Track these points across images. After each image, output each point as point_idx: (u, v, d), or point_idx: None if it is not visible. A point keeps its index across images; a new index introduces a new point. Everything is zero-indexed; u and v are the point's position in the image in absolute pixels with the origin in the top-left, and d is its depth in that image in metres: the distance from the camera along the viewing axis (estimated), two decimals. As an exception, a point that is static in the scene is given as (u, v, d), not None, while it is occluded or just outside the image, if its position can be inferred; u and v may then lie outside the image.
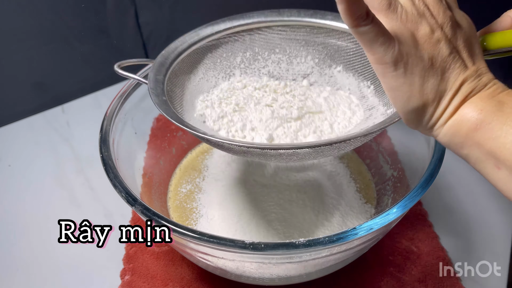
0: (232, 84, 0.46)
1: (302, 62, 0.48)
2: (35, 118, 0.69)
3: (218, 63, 0.47)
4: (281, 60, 0.48)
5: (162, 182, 0.53)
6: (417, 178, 0.39)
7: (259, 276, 0.40)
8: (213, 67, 0.47)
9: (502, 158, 0.27)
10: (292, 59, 0.48)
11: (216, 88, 0.46)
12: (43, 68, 0.69)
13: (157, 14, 0.71)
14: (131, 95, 0.48)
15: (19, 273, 0.48)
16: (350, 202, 0.50)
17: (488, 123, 0.28)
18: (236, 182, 0.51)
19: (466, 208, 0.53)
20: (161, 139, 0.55)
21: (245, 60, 0.48)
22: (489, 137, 0.28)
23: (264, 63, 0.48)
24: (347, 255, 0.39)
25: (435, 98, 0.30)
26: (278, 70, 0.48)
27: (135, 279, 0.46)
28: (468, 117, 0.29)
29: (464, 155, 0.30)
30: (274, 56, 0.48)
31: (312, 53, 0.48)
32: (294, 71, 0.48)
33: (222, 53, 0.47)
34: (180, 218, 0.50)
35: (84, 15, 0.67)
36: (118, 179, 0.39)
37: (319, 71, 0.48)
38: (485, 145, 0.28)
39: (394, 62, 0.29)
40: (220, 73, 0.47)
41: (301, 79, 0.48)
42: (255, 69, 0.48)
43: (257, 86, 0.46)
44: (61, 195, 0.56)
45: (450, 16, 0.30)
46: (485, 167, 0.29)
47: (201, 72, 0.46)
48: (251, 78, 0.47)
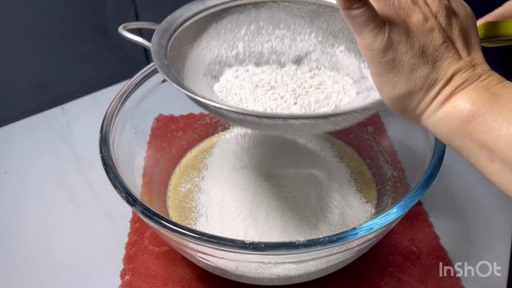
0: (238, 71, 0.46)
1: (306, 39, 0.48)
2: (35, 118, 0.69)
3: (222, 34, 0.47)
4: (285, 36, 0.48)
5: (162, 182, 0.53)
6: (417, 178, 0.39)
7: (259, 276, 0.40)
8: (216, 38, 0.47)
9: (496, 151, 0.27)
10: (296, 35, 0.48)
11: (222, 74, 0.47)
12: (43, 68, 0.69)
13: (157, 14, 0.71)
14: (131, 95, 0.48)
15: (19, 273, 0.48)
16: (350, 202, 0.50)
17: (481, 115, 0.27)
18: (236, 181, 0.51)
19: (466, 208, 0.53)
20: (161, 139, 0.55)
21: (249, 33, 0.47)
22: (482, 129, 0.27)
23: (267, 38, 0.48)
24: (347, 255, 0.39)
25: (423, 86, 0.29)
26: (281, 46, 0.48)
27: (135, 279, 0.46)
28: (460, 108, 0.28)
29: (457, 147, 0.29)
30: (279, 31, 0.48)
31: (316, 31, 0.47)
32: (297, 47, 0.48)
33: (227, 24, 0.47)
34: (179, 217, 0.50)
35: (84, 15, 0.67)
36: (118, 179, 0.39)
37: (321, 49, 0.47)
38: (478, 137, 0.28)
39: (383, 49, 0.29)
40: (224, 44, 0.47)
41: (304, 55, 0.48)
42: (258, 43, 0.48)
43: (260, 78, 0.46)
44: (61, 195, 0.56)
45: (446, 5, 0.30)
46: (478, 160, 0.29)
47: (205, 42, 0.46)
48: (256, 69, 0.48)
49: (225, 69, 0.47)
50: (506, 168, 0.27)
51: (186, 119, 0.59)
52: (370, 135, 0.56)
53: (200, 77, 0.45)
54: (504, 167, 0.27)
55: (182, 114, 0.59)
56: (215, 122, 0.60)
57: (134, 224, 0.52)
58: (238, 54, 0.47)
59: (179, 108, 0.59)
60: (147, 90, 0.50)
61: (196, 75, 0.44)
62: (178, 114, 0.58)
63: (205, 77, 0.45)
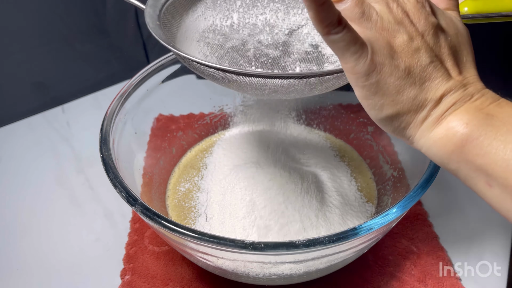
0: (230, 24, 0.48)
1: (299, 14, 0.49)
2: (35, 118, 0.69)
3: (218, 4, 0.48)
4: (279, 9, 0.49)
5: (162, 182, 0.53)
6: (417, 178, 0.39)
7: (259, 276, 0.40)
8: (212, 7, 0.48)
9: (494, 175, 0.26)
10: (289, 9, 0.49)
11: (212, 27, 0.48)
12: (43, 68, 0.69)
13: (157, 14, 0.71)
14: (131, 95, 0.48)
15: (19, 273, 0.48)
16: (350, 201, 0.50)
17: (475, 138, 0.26)
18: (235, 181, 0.51)
19: (466, 208, 0.53)
20: (161, 139, 0.55)
21: (244, 5, 0.49)
22: (477, 153, 0.26)
23: (262, 10, 0.49)
24: (347, 255, 0.39)
25: (411, 108, 0.28)
26: (275, 19, 0.49)
27: (135, 279, 0.46)
28: (453, 131, 0.27)
29: (453, 170, 0.28)
30: (273, 4, 0.49)
31: None
32: (290, 21, 0.49)
33: None
34: (178, 217, 0.50)
35: (84, 15, 0.67)
36: (118, 179, 0.39)
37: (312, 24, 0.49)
38: (474, 161, 0.26)
39: (366, 72, 0.28)
40: (219, 14, 0.48)
41: (296, 28, 0.49)
42: (252, 15, 0.49)
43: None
44: (61, 195, 0.56)
45: (433, 23, 0.29)
46: (475, 184, 0.27)
47: (200, 10, 0.47)
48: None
49: (218, 38, 0.48)
50: (505, 193, 0.26)
51: (186, 119, 0.59)
52: (370, 135, 0.56)
53: (193, 42, 0.46)
54: (502, 192, 0.26)
55: (182, 114, 0.59)
56: (215, 122, 0.61)
57: (134, 224, 0.52)
58: (232, 25, 0.48)
59: (179, 108, 0.59)
60: (147, 90, 0.50)
61: (189, 40, 0.45)
62: (178, 114, 0.58)
63: (198, 43, 0.46)
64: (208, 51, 0.46)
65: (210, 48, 0.46)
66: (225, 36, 0.47)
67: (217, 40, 0.47)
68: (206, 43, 0.46)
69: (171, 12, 0.44)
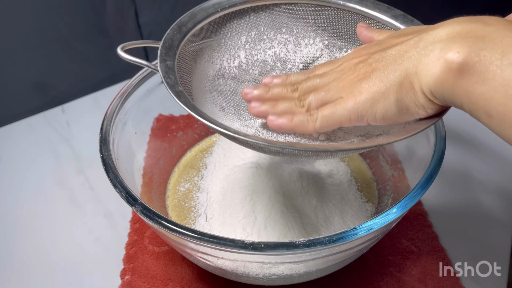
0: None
1: (311, 44, 0.45)
2: (35, 118, 0.69)
3: (223, 43, 0.45)
4: (288, 40, 0.45)
5: (162, 182, 0.53)
6: (417, 178, 0.39)
7: (259, 276, 0.40)
8: (217, 48, 0.45)
9: (493, 103, 0.25)
10: (299, 40, 0.45)
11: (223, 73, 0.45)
12: (43, 68, 0.69)
13: (157, 14, 0.72)
14: (131, 95, 0.48)
15: (19, 273, 0.48)
16: (350, 201, 0.50)
17: (471, 66, 0.25)
18: (235, 180, 0.51)
19: (466, 208, 0.53)
20: (161, 139, 0.55)
21: (250, 40, 0.45)
22: (476, 80, 0.25)
23: (270, 44, 0.46)
24: (347, 255, 0.39)
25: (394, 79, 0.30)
26: (285, 52, 0.46)
27: (135, 279, 0.46)
28: (447, 64, 0.26)
29: (460, 106, 0.28)
30: (281, 36, 0.45)
31: (321, 34, 0.45)
32: (302, 53, 0.46)
33: (227, 32, 0.45)
34: (178, 217, 0.50)
35: (84, 15, 0.67)
36: (118, 179, 0.39)
37: (328, 54, 0.45)
38: (474, 91, 0.26)
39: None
40: (225, 54, 0.45)
41: (311, 61, 0.46)
42: (260, 50, 0.46)
43: None
44: (61, 195, 0.56)
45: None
46: (479, 117, 0.27)
47: (207, 55, 0.44)
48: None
49: (229, 83, 0.44)
50: (504, 122, 0.25)
51: (186, 119, 0.59)
52: (370, 135, 0.56)
53: (207, 94, 0.43)
54: (501, 121, 0.25)
55: (182, 114, 0.59)
56: (215, 122, 0.60)
57: (134, 224, 0.52)
58: (240, 65, 0.45)
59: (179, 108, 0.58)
60: (147, 90, 0.50)
61: (203, 94, 0.42)
62: (178, 114, 0.58)
63: (211, 94, 0.43)
64: (224, 101, 0.43)
65: (224, 97, 0.43)
66: (235, 80, 0.44)
67: (228, 85, 0.44)
68: (219, 91, 0.43)
69: (181, 66, 0.40)
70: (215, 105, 0.42)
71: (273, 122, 0.34)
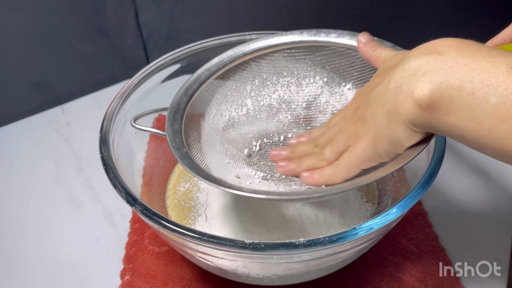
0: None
1: (311, 83, 0.48)
2: (35, 118, 0.69)
3: (229, 95, 0.47)
4: (290, 82, 0.48)
5: (162, 182, 0.53)
6: (417, 178, 0.39)
7: (259, 276, 0.40)
8: (224, 101, 0.47)
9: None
10: (300, 80, 0.48)
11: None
12: (43, 68, 0.69)
13: (157, 14, 0.71)
14: (131, 95, 0.48)
15: (19, 273, 0.48)
16: (350, 201, 0.50)
17: (435, 99, 0.27)
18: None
19: (466, 208, 0.53)
20: (161, 139, 0.55)
21: (254, 88, 0.48)
22: (444, 112, 0.27)
23: (273, 88, 0.48)
24: (347, 255, 0.39)
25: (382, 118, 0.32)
26: (289, 94, 0.48)
27: (135, 279, 0.46)
28: (416, 99, 0.28)
29: (440, 133, 0.30)
30: (283, 79, 0.48)
31: (320, 72, 0.47)
32: (304, 92, 0.48)
33: (232, 85, 0.47)
34: (178, 217, 0.50)
35: (84, 15, 0.67)
36: (118, 179, 0.39)
37: (329, 90, 0.47)
38: (446, 121, 0.27)
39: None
40: (233, 105, 0.47)
41: (313, 99, 0.48)
42: (265, 96, 0.48)
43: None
44: (61, 195, 0.56)
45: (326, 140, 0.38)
46: (458, 140, 0.28)
47: (214, 109, 0.47)
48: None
49: (239, 130, 0.47)
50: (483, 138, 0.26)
51: (186, 119, 0.59)
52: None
53: (218, 146, 0.45)
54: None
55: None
56: (215, 122, 0.60)
57: (134, 224, 0.52)
58: (248, 112, 0.48)
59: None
60: (147, 90, 0.50)
61: (213, 146, 0.44)
62: (178, 114, 0.58)
63: (222, 144, 0.45)
64: (235, 149, 0.45)
65: (235, 145, 0.45)
66: (245, 127, 0.47)
67: (239, 134, 0.46)
68: (230, 140, 0.45)
69: (189, 124, 0.43)
70: (225, 155, 0.44)
71: (308, 179, 0.38)
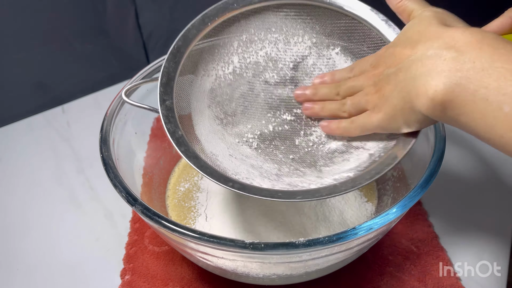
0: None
1: (300, 42, 0.47)
2: (35, 118, 0.69)
3: (216, 53, 0.46)
4: (278, 39, 0.47)
5: (162, 182, 0.53)
6: (417, 178, 0.39)
7: (259, 276, 0.40)
8: (211, 59, 0.46)
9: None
10: (289, 38, 0.47)
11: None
12: (43, 68, 0.69)
13: (157, 14, 0.72)
14: (131, 95, 0.48)
15: (19, 273, 0.48)
16: (350, 201, 0.50)
17: (450, 100, 0.29)
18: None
19: (466, 208, 0.53)
20: (161, 139, 0.55)
21: (241, 43, 0.46)
22: (457, 113, 0.29)
23: (261, 45, 0.47)
24: (347, 255, 0.39)
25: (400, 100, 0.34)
26: (276, 51, 0.47)
27: (135, 279, 0.46)
28: (431, 97, 0.30)
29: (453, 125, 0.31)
30: (271, 35, 0.47)
31: (309, 32, 0.47)
32: (292, 51, 0.47)
33: (219, 41, 0.46)
34: (178, 217, 0.50)
35: (84, 15, 0.67)
36: (118, 179, 0.39)
37: (317, 52, 0.47)
38: (458, 120, 0.30)
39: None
40: (219, 63, 0.46)
41: (300, 60, 0.47)
42: (252, 52, 0.47)
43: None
44: (61, 195, 0.56)
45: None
46: (471, 135, 0.30)
47: (202, 69, 0.45)
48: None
49: (226, 91, 0.46)
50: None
51: (186, 119, 0.59)
52: (370, 135, 0.56)
53: (206, 110, 0.44)
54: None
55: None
56: (215, 122, 0.60)
57: (134, 224, 0.52)
58: (235, 70, 0.46)
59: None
60: (147, 90, 0.50)
61: (201, 112, 0.43)
62: (178, 114, 0.58)
63: (209, 108, 0.44)
64: (221, 112, 0.44)
65: (221, 107, 0.44)
66: (231, 86, 0.46)
67: (225, 94, 0.45)
68: (217, 103, 0.45)
69: (180, 95, 0.42)
70: (214, 119, 0.43)
71: (325, 128, 0.43)
